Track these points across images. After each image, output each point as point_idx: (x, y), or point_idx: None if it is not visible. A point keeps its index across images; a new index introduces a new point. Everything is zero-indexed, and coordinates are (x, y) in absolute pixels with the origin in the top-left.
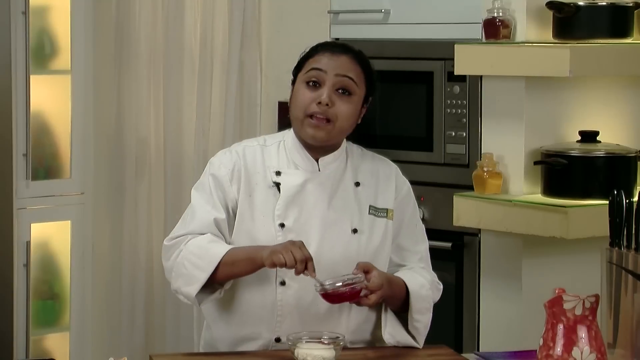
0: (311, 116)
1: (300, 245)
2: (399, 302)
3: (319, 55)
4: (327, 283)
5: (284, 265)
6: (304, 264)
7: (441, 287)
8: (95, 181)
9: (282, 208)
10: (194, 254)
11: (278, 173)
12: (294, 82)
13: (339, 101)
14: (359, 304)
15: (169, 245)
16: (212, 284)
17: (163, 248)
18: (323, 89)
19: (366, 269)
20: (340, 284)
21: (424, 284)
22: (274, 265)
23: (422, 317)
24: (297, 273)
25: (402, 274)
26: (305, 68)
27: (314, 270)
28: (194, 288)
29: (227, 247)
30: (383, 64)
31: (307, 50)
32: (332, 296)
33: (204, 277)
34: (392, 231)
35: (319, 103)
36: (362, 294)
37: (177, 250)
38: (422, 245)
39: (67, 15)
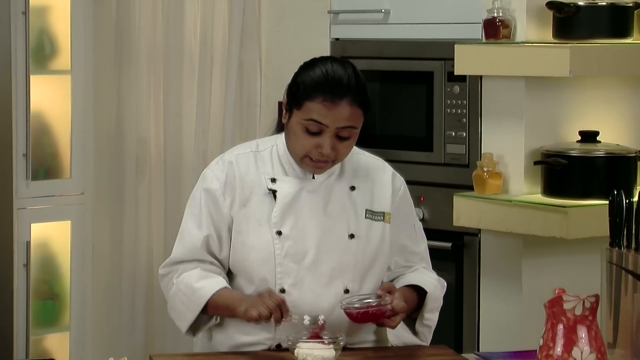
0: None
1: (269, 293)
2: (410, 312)
3: (318, 103)
4: (354, 302)
5: (259, 318)
6: (279, 310)
7: (445, 284)
8: (95, 181)
9: (279, 216)
10: (183, 292)
11: (273, 180)
12: (288, 109)
13: (339, 145)
14: (382, 325)
15: (163, 274)
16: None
17: (159, 276)
18: (323, 137)
19: (389, 290)
20: (369, 303)
21: (436, 285)
22: (250, 320)
23: (432, 316)
24: (277, 321)
25: (414, 277)
26: (303, 111)
27: (288, 311)
28: (183, 325)
29: (212, 291)
30: (383, 64)
31: (304, 78)
32: (358, 316)
33: (191, 317)
34: (389, 234)
35: (320, 152)
36: (386, 315)
37: (170, 283)
38: (422, 244)
39: (67, 15)
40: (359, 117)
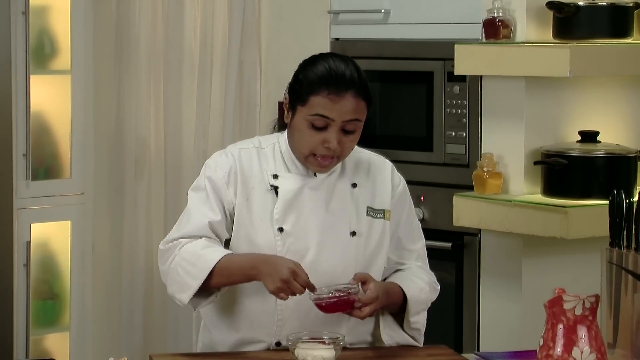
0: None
1: (294, 275)
2: (396, 307)
3: (323, 97)
4: (322, 292)
5: (287, 299)
6: (304, 291)
7: (439, 287)
8: (95, 181)
9: (281, 212)
10: (187, 260)
11: (275, 176)
12: (291, 107)
13: (345, 139)
14: (351, 314)
15: (164, 249)
16: (208, 288)
17: (159, 252)
18: (329, 132)
19: (363, 280)
20: (334, 293)
21: (423, 288)
22: (281, 299)
23: (419, 318)
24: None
25: (400, 279)
26: (308, 106)
27: (315, 288)
28: (186, 295)
29: (220, 255)
30: (383, 64)
31: (307, 74)
32: (325, 306)
33: (196, 284)
34: (389, 231)
35: (327, 147)
36: (355, 305)
37: (172, 255)
38: (419, 243)
39: (67, 15)
40: (363, 110)
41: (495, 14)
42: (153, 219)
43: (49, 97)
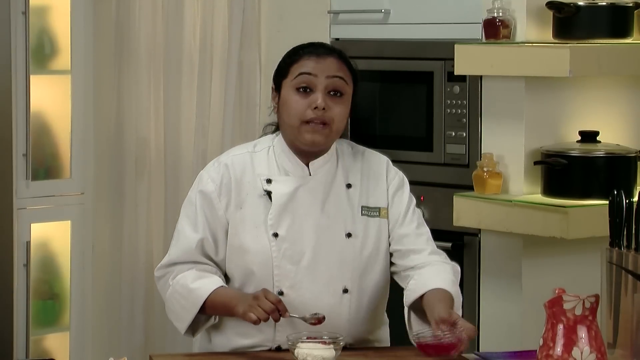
0: (307, 122)
1: (265, 294)
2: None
3: (305, 60)
4: (426, 334)
5: (258, 321)
6: (277, 311)
7: (458, 267)
8: (95, 181)
9: (275, 217)
10: (180, 293)
11: (269, 181)
12: (277, 89)
13: (332, 103)
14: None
15: (158, 276)
16: (204, 314)
17: (155, 278)
18: (316, 93)
19: (452, 321)
20: (441, 335)
21: (454, 281)
22: (251, 321)
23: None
24: (276, 320)
25: (433, 278)
26: (291, 74)
27: (286, 310)
28: (182, 326)
29: (209, 290)
30: (383, 64)
31: (288, 54)
32: (432, 347)
33: (189, 317)
34: (387, 230)
35: (315, 108)
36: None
37: (166, 284)
38: (424, 227)
39: (67, 15)
40: (347, 73)
41: (495, 14)
42: (153, 219)
43: (49, 97)
